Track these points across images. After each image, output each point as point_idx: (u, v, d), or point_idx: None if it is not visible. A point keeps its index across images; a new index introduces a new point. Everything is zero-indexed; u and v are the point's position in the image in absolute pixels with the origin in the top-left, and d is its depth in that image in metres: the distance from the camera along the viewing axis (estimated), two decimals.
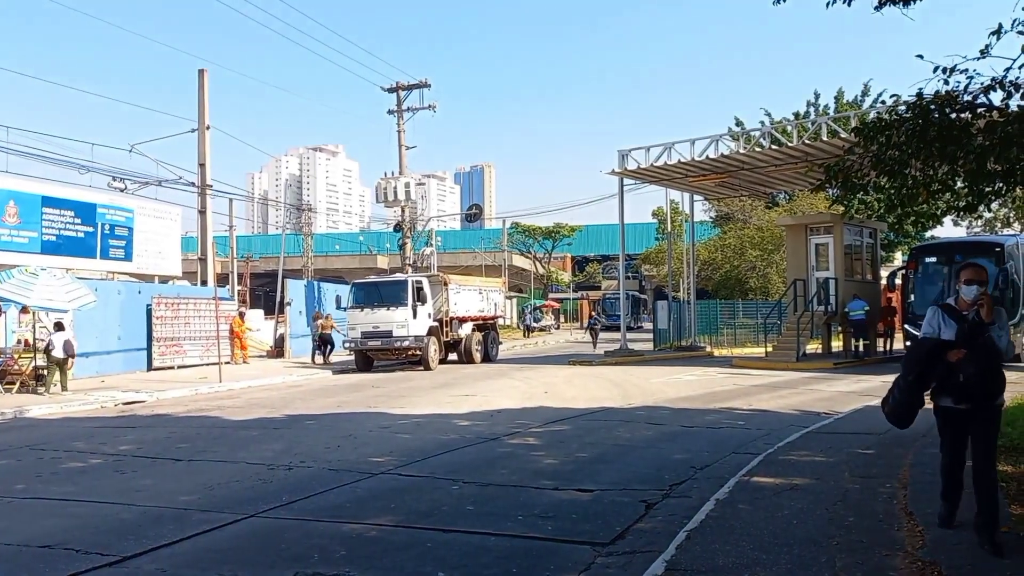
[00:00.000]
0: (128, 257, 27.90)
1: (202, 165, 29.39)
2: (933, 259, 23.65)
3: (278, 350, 32.13)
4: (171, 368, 25.37)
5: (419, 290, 25.51)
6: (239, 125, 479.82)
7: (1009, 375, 17.01)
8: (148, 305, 25.45)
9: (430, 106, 35.61)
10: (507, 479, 8.70)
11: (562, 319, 70.71)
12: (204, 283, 29.67)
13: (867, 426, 11.35)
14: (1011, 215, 38.47)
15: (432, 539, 6.41)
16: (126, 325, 24.71)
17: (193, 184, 29.29)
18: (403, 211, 35.91)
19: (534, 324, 56.28)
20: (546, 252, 69.58)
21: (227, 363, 25.68)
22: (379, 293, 25.74)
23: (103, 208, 27.17)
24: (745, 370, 23.11)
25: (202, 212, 29.82)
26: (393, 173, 35.47)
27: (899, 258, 43.42)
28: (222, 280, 41.81)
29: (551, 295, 71.05)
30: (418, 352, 25.34)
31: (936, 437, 10.16)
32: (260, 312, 42.18)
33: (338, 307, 28.37)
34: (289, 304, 31.99)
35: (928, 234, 42.07)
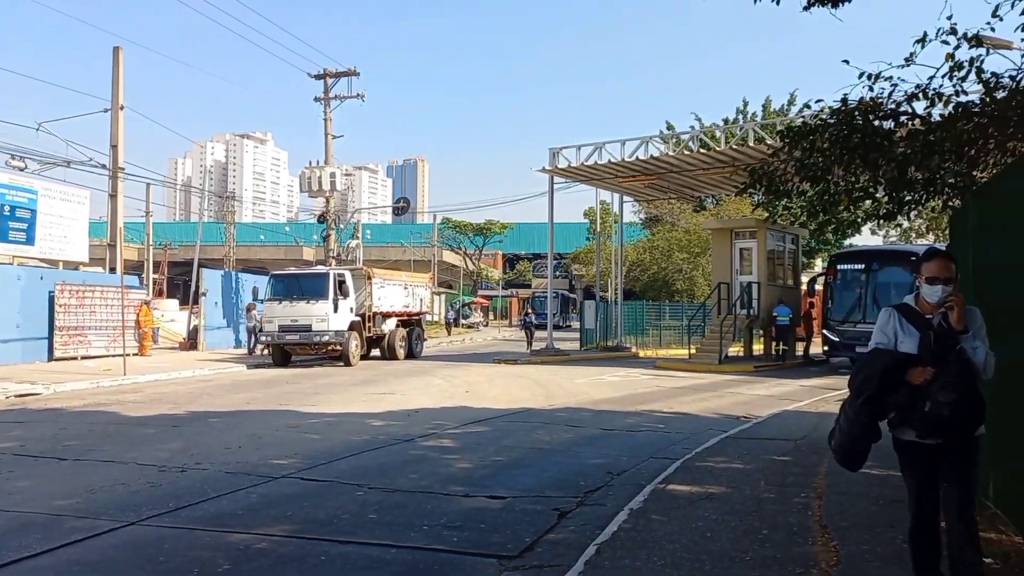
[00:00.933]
0: (30, 241, 26.34)
1: (114, 147, 28.05)
2: (852, 266, 24.15)
3: (191, 342, 30.89)
4: (74, 359, 24.03)
5: (341, 283, 24.82)
6: (162, 109, 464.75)
7: None
8: (51, 292, 24.07)
9: (359, 95, 34.79)
10: (416, 484, 8.30)
11: (491, 316, 70.43)
12: (113, 270, 28.29)
13: (784, 431, 11.32)
14: (925, 226, 39.78)
15: (326, 551, 5.95)
16: (26, 312, 23.29)
17: (104, 166, 27.88)
18: (328, 201, 34.99)
19: (462, 320, 55.88)
20: (477, 249, 69.22)
21: (135, 355, 24.50)
22: (299, 286, 24.94)
23: (2, 188, 25.56)
24: (668, 372, 23.17)
25: (113, 196, 28.45)
26: (319, 162, 34.52)
27: (819, 264, 44.52)
28: (138, 268, 40.14)
29: (481, 292, 70.76)
30: (338, 347, 24.63)
31: None
32: (175, 302, 40.61)
33: (254, 299, 27.42)
34: (204, 295, 30.77)
35: (847, 242, 43.27)
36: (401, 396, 16.52)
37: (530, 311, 29.67)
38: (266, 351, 26.10)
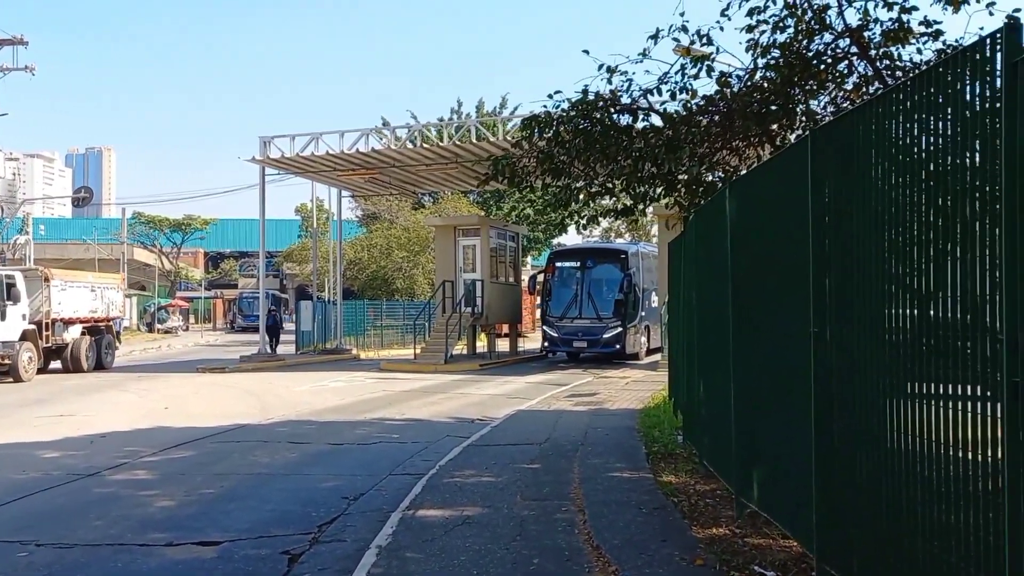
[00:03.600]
0: None
1: None
2: (568, 263, 25.04)
3: None
4: None
5: (10, 287, 20.94)
6: None
7: (633, 372, 18.15)
8: None
9: (27, 67, 29.94)
10: (103, 534, 6.69)
11: (192, 320, 64.87)
12: None
13: (525, 435, 10.91)
14: (623, 227, 43.07)
15: None
16: None
17: None
18: None
19: (158, 325, 50.73)
20: (175, 246, 63.35)
21: None
22: None
23: None
24: (394, 374, 22.32)
25: None
26: None
27: (530, 262, 46.40)
28: None
29: (180, 294, 64.87)
30: (7, 361, 20.70)
31: (596, 444, 10.12)
32: None
33: None
34: None
35: (555, 241, 45.57)
36: (84, 418, 13.94)
37: (273, 310, 26.78)
38: None
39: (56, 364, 23.74)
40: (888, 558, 3.71)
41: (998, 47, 2.93)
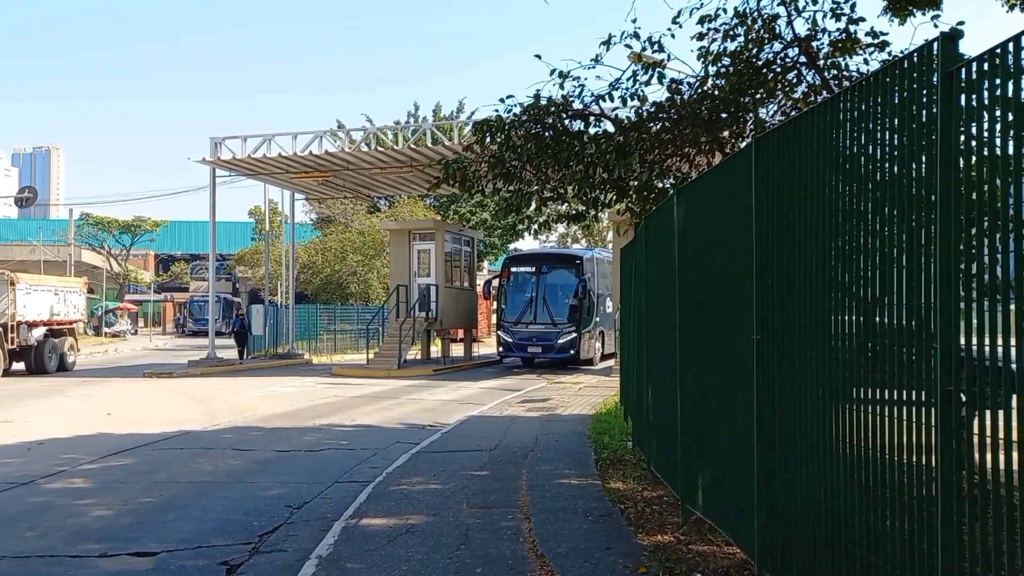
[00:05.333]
0: None
1: None
2: (523, 268, 24.98)
3: None
4: None
5: None
6: None
7: (587, 378, 18.14)
8: None
9: None
10: (35, 546, 6.45)
11: (141, 323, 63.46)
12: None
13: (476, 441, 10.81)
14: (580, 232, 43.19)
15: None
16: None
17: None
18: None
19: (106, 328, 49.54)
20: (124, 248, 61.94)
21: None
22: None
23: None
24: (346, 379, 22.02)
25: None
26: None
27: (487, 267, 46.28)
28: None
29: (129, 296, 63.42)
30: None
31: (547, 451, 10.05)
32: None
33: None
34: None
35: (512, 246, 45.52)
36: (21, 424, 13.50)
37: (241, 314, 25.82)
38: None
39: (19, 366, 24.18)
40: (826, 565, 3.70)
41: (935, 56, 2.94)
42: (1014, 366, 2.62)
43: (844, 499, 3.54)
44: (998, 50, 2.66)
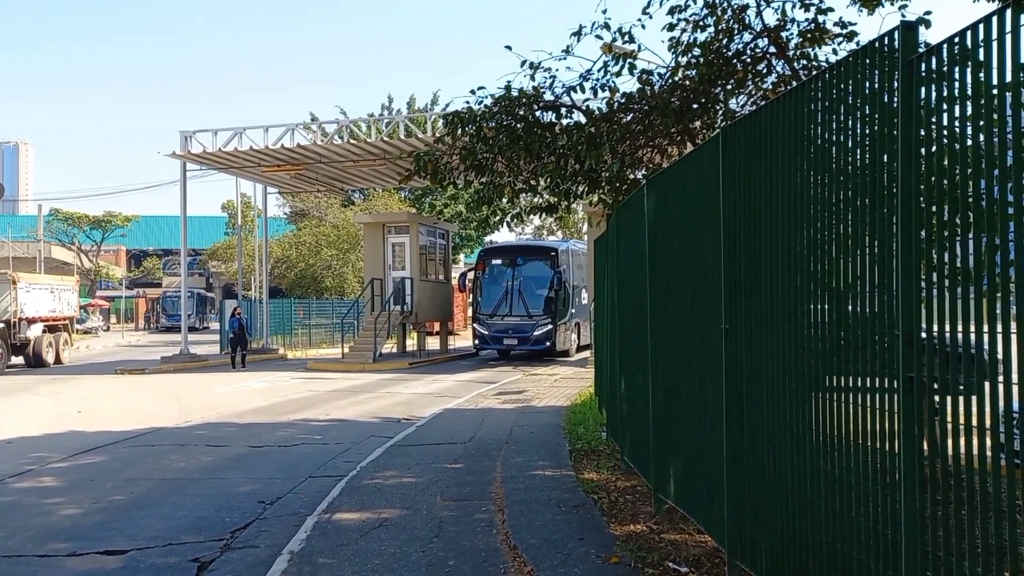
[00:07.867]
0: None
1: None
2: (498, 261, 24.94)
3: None
4: None
5: None
6: None
7: (563, 370, 18.15)
8: None
9: None
10: (0, 546, 6.26)
11: (113, 320, 62.68)
12: None
13: (450, 434, 10.79)
14: (555, 224, 43.21)
15: None
16: None
17: None
18: None
19: (77, 325, 48.78)
20: (95, 244, 61.08)
21: None
22: None
23: None
24: (321, 373, 21.89)
25: None
26: None
27: (463, 260, 46.19)
28: None
29: (100, 293, 62.59)
30: None
31: (521, 442, 10.06)
32: None
33: None
34: None
35: (487, 239, 45.44)
36: None
37: (239, 313, 24.87)
38: None
39: (18, 359, 25.65)
40: (794, 552, 3.73)
41: (896, 45, 2.95)
42: (974, 351, 2.65)
43: (811, 486, 3.57)
44: (956, 39, 2.67)
